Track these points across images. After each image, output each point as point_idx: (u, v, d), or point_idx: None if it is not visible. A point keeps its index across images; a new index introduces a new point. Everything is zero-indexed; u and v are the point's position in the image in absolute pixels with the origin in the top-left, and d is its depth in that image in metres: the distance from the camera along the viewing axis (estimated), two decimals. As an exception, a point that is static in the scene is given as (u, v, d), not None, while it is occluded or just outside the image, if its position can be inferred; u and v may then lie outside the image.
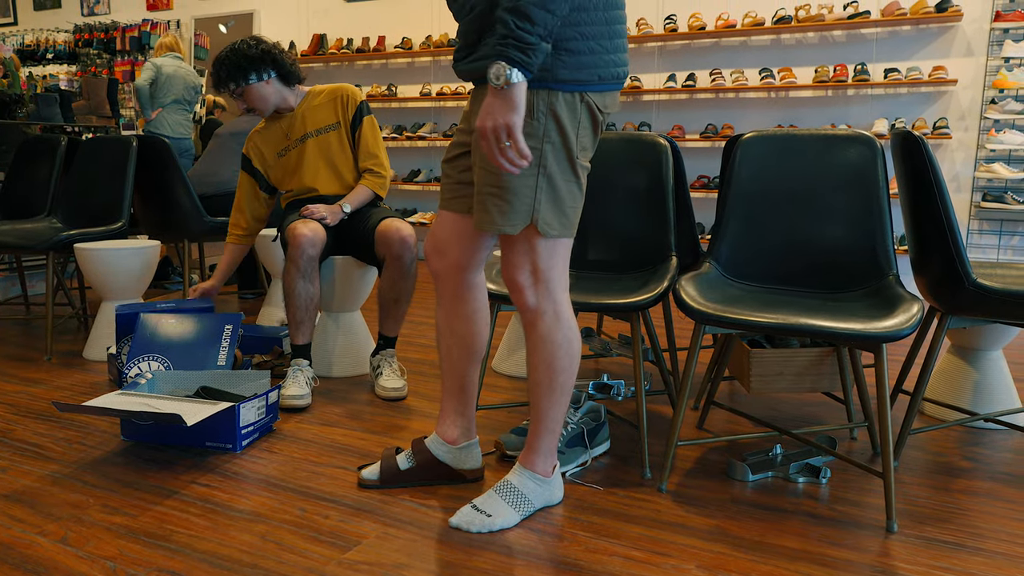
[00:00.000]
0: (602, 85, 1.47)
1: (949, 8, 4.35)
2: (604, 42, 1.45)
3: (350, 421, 2.30)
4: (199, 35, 7.11)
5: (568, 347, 1.56)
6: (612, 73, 1.48)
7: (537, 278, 1.52)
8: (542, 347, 1.56)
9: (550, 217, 1.48)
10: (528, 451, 1.67)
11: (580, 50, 1.42)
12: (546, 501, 1.70)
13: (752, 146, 2.09)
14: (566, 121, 1.45)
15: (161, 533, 1.60)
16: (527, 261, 1.51)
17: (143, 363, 2.40)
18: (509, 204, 1.46)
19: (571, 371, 1.59)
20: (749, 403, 2.51)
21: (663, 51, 5.34)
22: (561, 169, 1.47)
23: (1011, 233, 4.54)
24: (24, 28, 8.23)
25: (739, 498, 1.79)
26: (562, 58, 1.41)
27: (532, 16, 1.30)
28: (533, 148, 1.45)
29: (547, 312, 1.54)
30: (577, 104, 1.45)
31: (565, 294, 1.56)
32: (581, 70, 1.43)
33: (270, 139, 2.75)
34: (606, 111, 1.52)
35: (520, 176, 1.45)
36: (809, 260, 2.02)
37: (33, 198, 3.65)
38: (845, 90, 4.85)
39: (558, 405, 1.61)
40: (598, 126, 1.52)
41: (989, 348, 2.28)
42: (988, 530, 1.64)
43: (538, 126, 1.44)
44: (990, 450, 2.10)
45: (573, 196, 1.50)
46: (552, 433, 1.64)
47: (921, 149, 1.84)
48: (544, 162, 1.45)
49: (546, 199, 1.47)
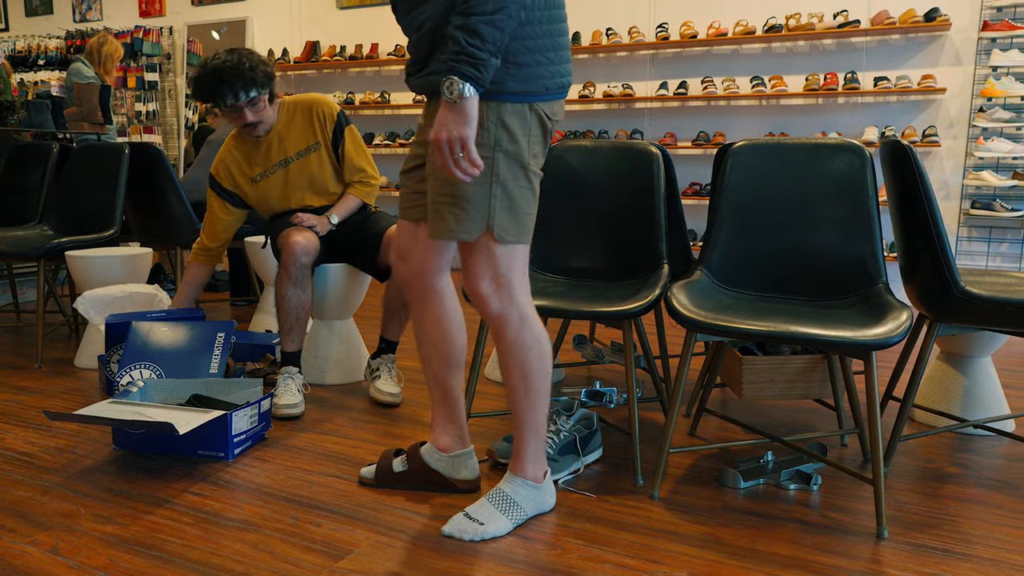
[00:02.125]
0: (548, 95, 1.53)
1: (937, 18, 4.39)
2: (549, 54, 1.51)
3: (343, 429, 2.29)
4: (192, 41, 7.11)
5: (538, 348, 1.60)
6: (557, 83, 1.54)
7: (499, 284, 1.56)
8: (512, 352, 1.59)
9: (506, 223, 1.52)
10: (516, 458, 1.68)
11: (527, 63, 1.48)
12: (539, 508, 1.71)
13: (743, 155, 2.11)
14: (517, 130, 1.50)
15: (153, 542, 1.60)
16: (487, 269, 1.55)
17: (135, 371, 2.40)
18: (465, 212, 1.51)
19: (544, 372, 1.62)
20: (741, 410, 2.52)
21: (655, 59, 5.37)
22: (514, 176, 1.51)
23: (1000, 240, 4.58)
24: (15, 34, 8.21)
25: (731, 505, 1.80)
26: (510, 71, 1.47)
27: (482, 33, 1.36)
28: (485, 157, 1.49)
29: (512, 317, 1.58)
30: (526, 113, 1.51)
31: (527, 297, 1.60)
32: (528, 82, 1.49)
33: (243, 162, 2.63)
34: (554, 118, 1.58)
35: (475, 184, 1.50)
36: (799, 268, 2.03)
37: (24, 205, 3.63)
38: (835, 98, 4.89)
39: (538, 408, 1.64)
40: (547, 134, 1.58)
41: (978, 355, 2.30)
42: (977, 536, 1.65)
43: (489, 136, 1.48)
44: (980, 456, 2.11)
45: (527, 202, 1.55)
46: (537, 436, 1.66)
47: (910, 158, 1.86)
48: (497, 170, 1.50)
49: (501, 206, 1.51)
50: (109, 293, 2.78)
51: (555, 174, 2.35)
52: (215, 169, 2.66)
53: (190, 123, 7.20)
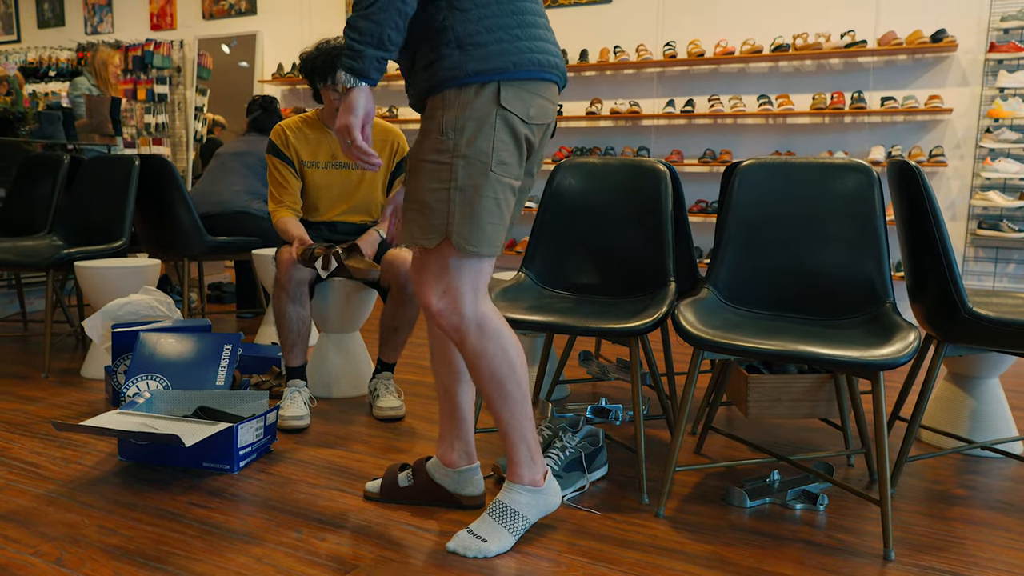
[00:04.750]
0: (518, 72, 1.46)
1: (944, 39, 4.41)
2: (514, 31, 1.47)
3: (348, 442, 2.29)
4: (202, 55, 7.17)
5: (504, 355, 1.57)
6: (528, 59, 1.47)
7: (449, 297, 1.53)
8: (477, 364, 1.57)
9: (466, 232, 1.48)
10: (510, 465, 1.68)
11: (486, 42, 1.45)
12: (543, 510, 1.68)
13: (750, 173, 2.11)
14: (477, 136, 1.46)
15: (157, 554, 1.59)
16: (437, 281, 1.53)
17: (141, 382, 2.40)
18: (426, 218, 1.50)
19: (515, 376, 1.58)
20: (747, 429, 2.51)
21: (662, 77, 5.39)
22: (475, 183, 1.47)
23: (1007, 261, 4.57)
24: (27, 46, 8.29)
25: (736, 524, 1.79)
26: (469, 52, 1.44)
27: (358, 27, 1.40)
28: (443, 163, 1.47)
29: (468, 328, 1.55)
30: (491, 118, 1.46)
31: (485, 305, 1.56)
32: (489, 60, 1.45)
33: (304, 141, 2.59)
34: (531, 121, 1.51)
35: (433, 191, 1.48)
36: (806, 287, 2.03)
37: (34, 216, 3.66)
38: (842, 117, 4.90)
39: (516, 412, 1.61)
40: (519, 141, 1.51)
41: (986, 376, 2.29)
42: (985, 559, 1.64)
43: (447, 141, 1.47)
44: (987, 478, 2.10)
45: (491, 212, 1.49)
46: (523, 440, 1.64)
47: (917, 178, 1.86)
48: (455, 176, 1.47)
49: (460, 213, 1.47)
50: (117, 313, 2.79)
51: (562, 190, 2.36)
52: (274, 134, 2.59)
53: (199, 136, 7.25)
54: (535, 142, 1.57)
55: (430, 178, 1.48)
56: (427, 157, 1.49)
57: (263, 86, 6.92)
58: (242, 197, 3.82)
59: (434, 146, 1.48)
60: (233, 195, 3.81)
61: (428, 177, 1.49)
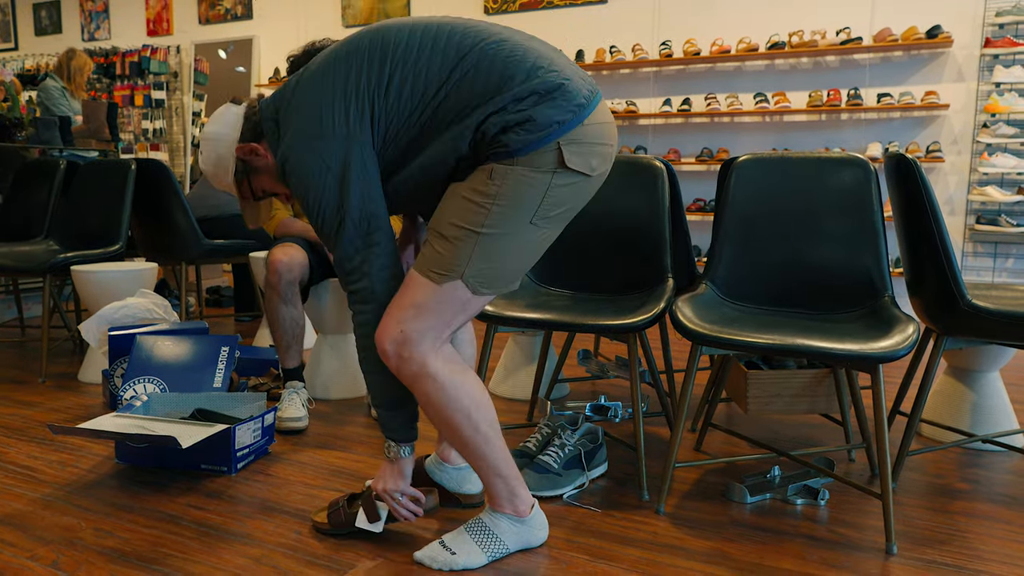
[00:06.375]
0: (567, 126, 1.39)
1: (940, 35, 4.41)
2: (548, 98, 1.38)
3: (346, 443, 2.28)
4: (199, 60, 7.17)
5: (456, 404, 1.47)
6: (571, 108, 1.39)
7: (405, 338, 1.43)
8: (426, 408, 1.50)
9: (482, 277, 1.42)
10: (488, 496, 1.59)
11: (528, 118, 1.37)
12: (524, 543, 1.60)
13: (747, 168, 2.11)
14: (528, 189, 1.39)
15: (154, 556, 1.58)
16: (410, 315, 1.43)
17: (138, 385, 2.39)
18: (442, 255, 1.42)
19: (468, 415, 1.48)
20: (746, 425, 2.50)
21: (658, 76, 5.39)
22: (508, 231, 1.41)
23: (1005, 255, 4.56)
24: (24, 52, 8.29)
25: (737, 520, 1.78)
26: (516, 132, 1.37)
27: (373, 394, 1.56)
28: (479, 205, 1.39)
29: (416, 374, 1.45)
30: (548, 176, 1.40)
31: (435, 352, 1.46)
32: (539, 130, 1.37)
33: None
34: (594, 172, 1.44)
35: (456, 227, 1.41)
36: (805, 281, 2.03)
37: (31, 221, 3.65)
38: (839, 114, 4.90)
39: (481, 453, 1.51)
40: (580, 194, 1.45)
41: (986, 369, 2.28)
42: (987, 552, 1.63)
43: (492, 186, 1.39)
44: (989, 471, 2.09)
45: (517, 255, 1.44)
46: (499, 476, 1.54)
47: (915, 172, 1.86)
48: (488, 222, 1.39)
49: (480, 257, 1.41)
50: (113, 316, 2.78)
51: (559, 188, 2.35)
52: None
53: (196, 141, 7.24)
54: (595, 189, 1.51)
55: (459, 215, 1.41)
56: (464, 193, 1.41)
57: (260, 90, 6.92)
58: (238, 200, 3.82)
59: (476, 187, 1.40)
60: (229, 199, 3.80)
61: (457, 213, 1.41)
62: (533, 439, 2.02)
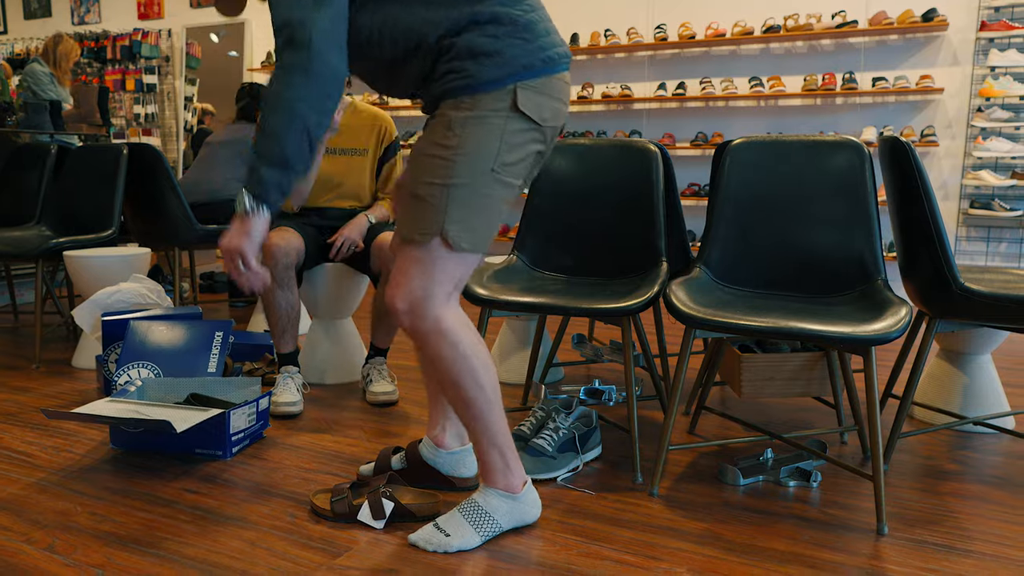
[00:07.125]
0: (533, 72, 1.43)
1: (935, 18, 4.40)
2: (524, 35, 1.42)
3: (341, 428, 2.29)
4: (190, 44, 7.11)
5: (464, 362, 1.48)
6: (541, 59, 1.44)
7: (420, 297, 1.45)
8: (437, 366, 1.50)
9: (461, 228, 1.43)
10: (482, 469, 1.59)
11: (498, 49, 1.41)
12: (518, 520, 1.61)
13: (741, 152, 2.11)
14: (484, 135, 1.42)
15: (149, 540, 1.59)
16: (415, 279, 1.45)
17: (133, 370, 2.39)
18: (420, 213, 1.44)
19: (478, 381, 1.50)
20: (740, 408, 2.51)
21: (653, 60, 5.37)
22: (474, 181, 1.43)
23: (999, 240, 4.58)
24: (14, 36, 8.21)
25: (730, 502, 1.79)
26: (481, 61, 1.40)
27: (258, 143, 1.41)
28: (443, 159, 1.42)
29: (430, 331, 1.47)
30: (502, 119, 1.42)
31: (451, 311, 1.48)
32: (504, 66, 1.41)
33: None
34: (545, 124, 1.47)
35: (428, 185, 1.43)
36: (798, 265, 2.03)
37: (22, 206, 3.63)
38: (834, 98, 4.89)
39: (483, 417, 1.52)
40: (530, 142, 1.47)
41: (978, 352, 2.30)
42: (977, 532, 1.65)
43: (452, 137, 1.42)
44: (979, 453, 2.11)
45: (486, 209, 1.45)
46: (494, 447, 1.55)
47: (909, 156, 1.86)
48: (453, 173, 1.42)
49: (455, 210, 1.42)
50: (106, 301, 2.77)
51: (553, 172, 2.35)
52: None
53: (189, 126, 7.20)
54: (547, 146, 1.52)
55: (428, 172, 1.44)
56: (428, 151, 1.44)
57: (252, 75, 6.87)
58: (232, 185, 3.80)
59: (437, 141, 1.43)
60: (223, 183, 3.78)
61: (426, 171, 1.44)
62: (528, 423, 2.03)
